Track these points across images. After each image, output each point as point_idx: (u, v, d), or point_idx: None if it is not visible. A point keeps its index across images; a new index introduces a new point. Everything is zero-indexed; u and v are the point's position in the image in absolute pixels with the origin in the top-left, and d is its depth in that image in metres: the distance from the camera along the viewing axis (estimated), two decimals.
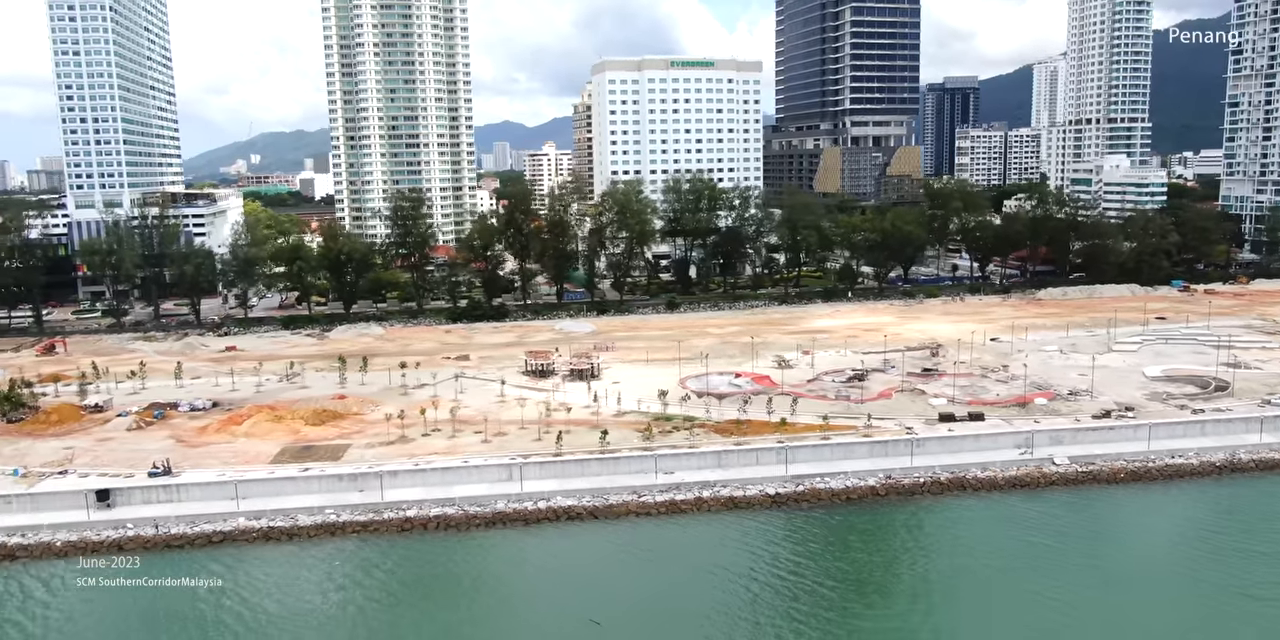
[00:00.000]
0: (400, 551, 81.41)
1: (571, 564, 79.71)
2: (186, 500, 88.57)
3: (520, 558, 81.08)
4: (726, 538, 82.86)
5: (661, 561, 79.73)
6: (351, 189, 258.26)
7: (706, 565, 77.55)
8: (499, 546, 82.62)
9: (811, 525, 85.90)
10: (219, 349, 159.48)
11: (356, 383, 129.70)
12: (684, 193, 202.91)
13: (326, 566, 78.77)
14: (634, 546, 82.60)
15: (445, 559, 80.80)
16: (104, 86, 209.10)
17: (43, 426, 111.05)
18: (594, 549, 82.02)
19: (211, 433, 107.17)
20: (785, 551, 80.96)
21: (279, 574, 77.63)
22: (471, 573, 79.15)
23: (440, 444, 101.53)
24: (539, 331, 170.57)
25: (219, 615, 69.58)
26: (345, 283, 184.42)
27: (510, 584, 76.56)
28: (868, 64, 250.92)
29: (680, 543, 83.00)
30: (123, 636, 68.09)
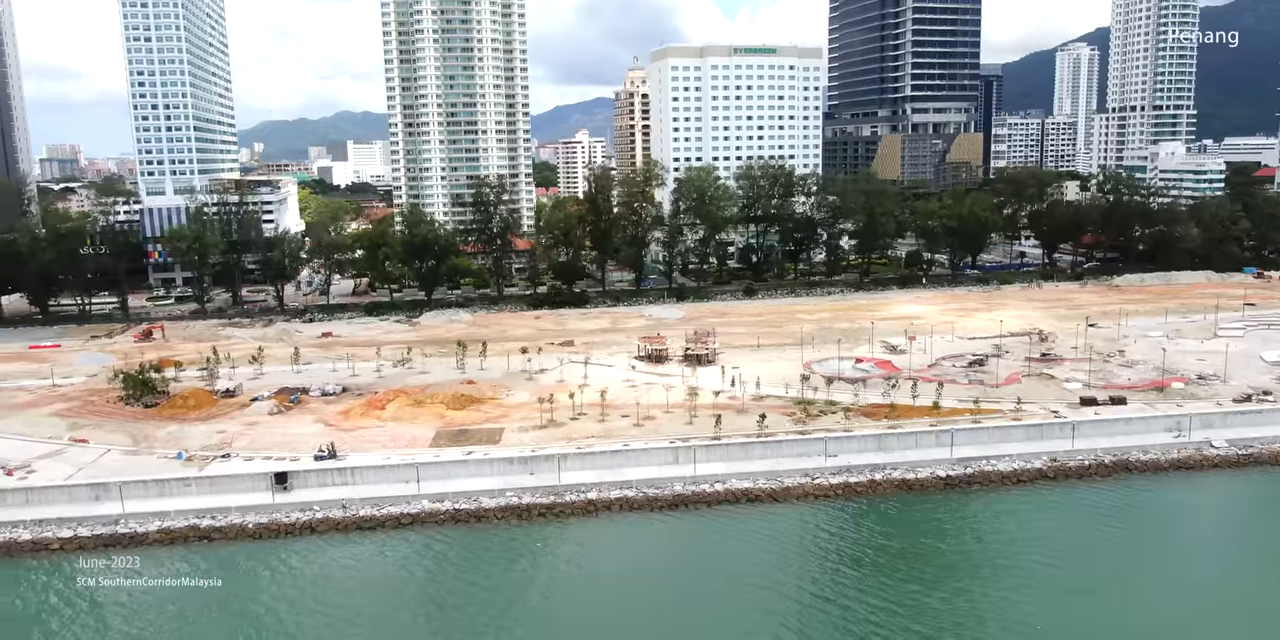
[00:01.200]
0: (588, 532, 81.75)
1: (769, 544, 79.88)
2: (361, 483, 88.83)
3: (719, 538, 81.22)
4: (908, 518, 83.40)
5: (859, 542, 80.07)
6: (409, 176, 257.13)
7: (901, 545, 78.07)
8: (691, 528, 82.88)
9: (984, 505, 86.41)
10: (315, 335, 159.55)
11: (475, 368, 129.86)
12: (757, 179, 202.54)
13: (523, 547, 79.17)
14: (824, 528, 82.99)
15: (646, 540, 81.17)
16: (175, 73, 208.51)
17: (181, 411, 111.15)
18: (782, 530, 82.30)
19: (356, 417, 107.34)
20: (974, 530, 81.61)
21: (471, 554, 78.05)
22: (679, 553, 79.39)
23: (593, 428, 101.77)
24: (629, 318, 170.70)
25: (437, 595, 70.41)
26: (426, 269, 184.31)
27: (728, 564, 76.23)
28: (929, 50, 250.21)
29: (860, 524, 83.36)
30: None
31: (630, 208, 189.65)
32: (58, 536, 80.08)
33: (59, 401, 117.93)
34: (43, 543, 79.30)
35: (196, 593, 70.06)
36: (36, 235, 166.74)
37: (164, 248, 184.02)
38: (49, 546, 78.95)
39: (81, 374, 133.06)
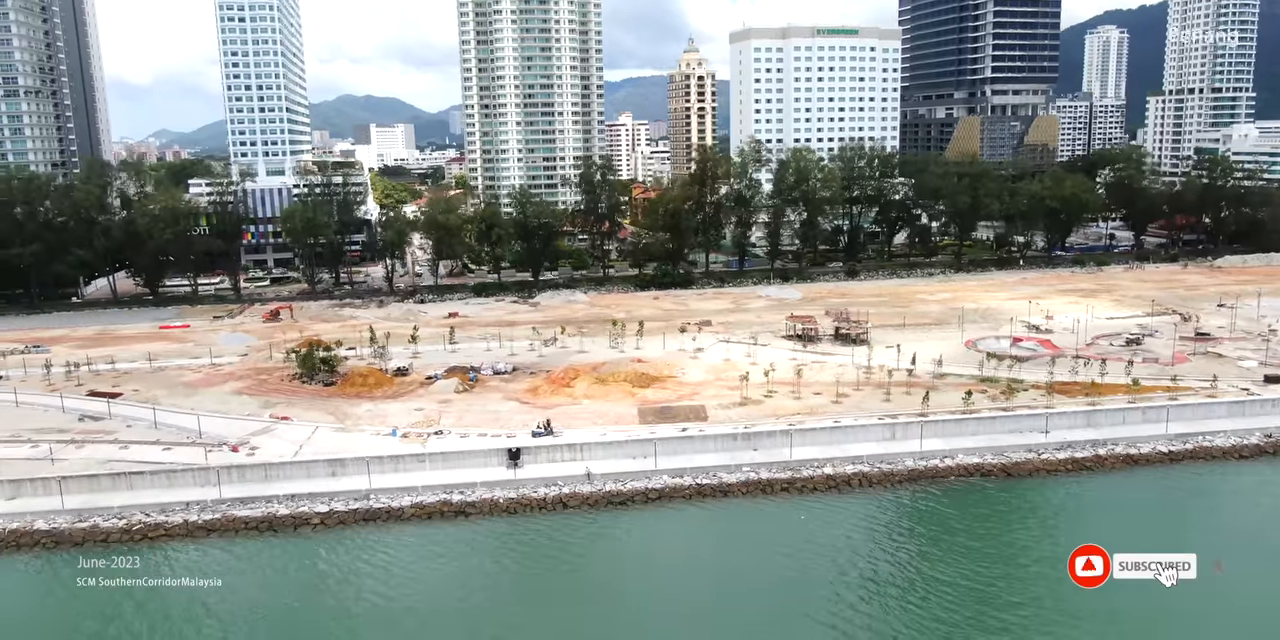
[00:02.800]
0: (833, 506, 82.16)
1: (1020, 516, 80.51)
2: (589, 459, 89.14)
3: (965, 512, 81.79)
4: (1140, 494, 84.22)
5: (1118, 513, 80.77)
6: (485, 158, 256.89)
7: (1144, 520, 78.82)
8: (933, 502, 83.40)
9: (1219, 479, 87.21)
10: (441, 315, 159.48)
11: (632, 346, 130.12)
12: (853, 160, 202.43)
13: (779, 521, 79.70)
14: (1071, 500, 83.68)
15: (902, 514, 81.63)
16: (268, 53, 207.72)
17: (362, 389, 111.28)
18: (1034, 503, 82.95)
19: (547, 395, 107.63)
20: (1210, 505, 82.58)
21: (734, 528, 78.69)
22: (937, 524, 79.80)
23: (792, 405, 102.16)
24: (747, 298, 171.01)
25: (726, 567, 70.99)
26: (533, 250, 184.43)
27: (988, 536, 76.94)
28: (1011, 31, 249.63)
29: (1092, 498, 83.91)
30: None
31: (737, 189, 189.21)
32: (315, 511, 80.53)
33: (231, 380, 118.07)
34: (302, 518, 79.69)
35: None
36: (156, 215, 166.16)
37: (280, 228, 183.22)
38: (309, 521, 79.38)
39: (230, 354, 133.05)
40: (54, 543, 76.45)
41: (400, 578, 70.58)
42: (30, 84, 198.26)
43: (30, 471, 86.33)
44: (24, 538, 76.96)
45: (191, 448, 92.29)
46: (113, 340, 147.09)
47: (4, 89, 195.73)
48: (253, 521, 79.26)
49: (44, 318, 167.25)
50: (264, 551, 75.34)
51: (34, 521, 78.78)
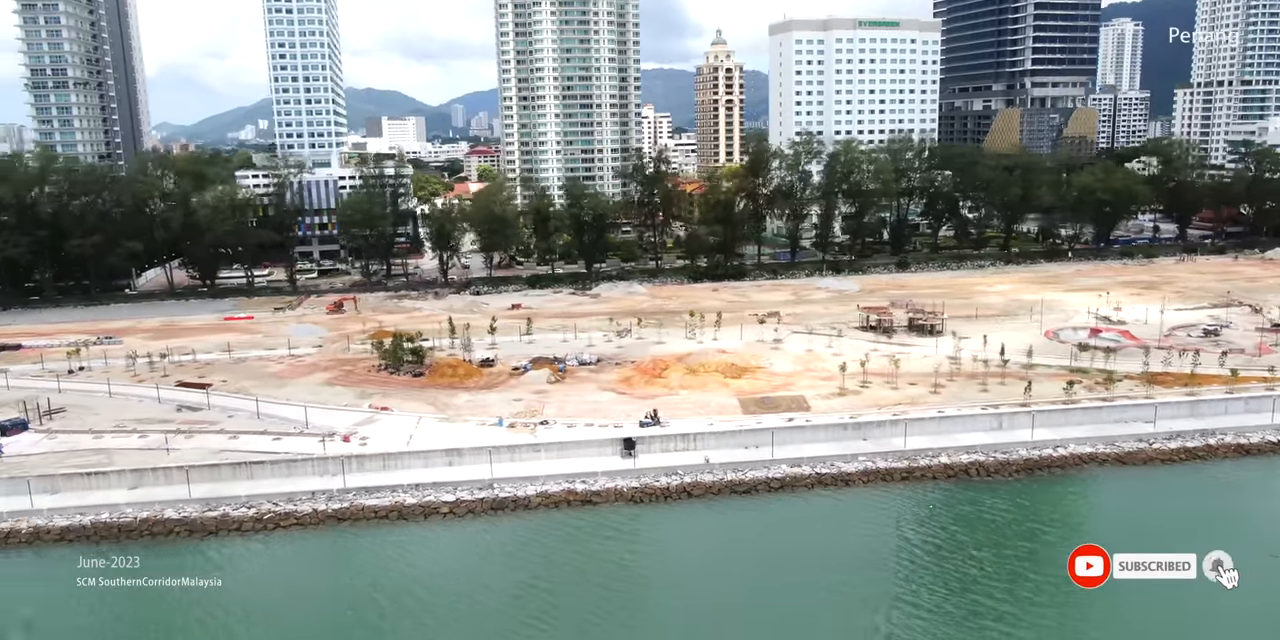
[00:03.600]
0: (951, 495, 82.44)
1: (1132, 507, 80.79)
2: (702, 448, 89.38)
3: (1088, 502, 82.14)
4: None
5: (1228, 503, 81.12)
6: (524, 150, 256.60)
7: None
8: (1058, 490, 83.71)
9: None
10: (504, 307, 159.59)
11: (709, 338, 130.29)
12: (899, 151, 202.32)
13: (901, 510, 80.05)
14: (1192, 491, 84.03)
15: (1008, 504, 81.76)
16: (316, 44, 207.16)
17: (452, 380, 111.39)
18: (1160, 490, 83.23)
19: (641, 385, 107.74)
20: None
21: (847, 519, 78.91)
22: (1043, 516, 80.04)
23: (891, 395, 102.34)
24: (806, 290, 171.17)
25: (864, 554, 71.19)
26: (585, 242, 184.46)
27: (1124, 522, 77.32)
28: (1052, 23, 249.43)
29: (1210, 487, 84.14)
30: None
31: (786, 181, 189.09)
32: (442, 500, 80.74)
33: (316, 371, 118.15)
34: (430, 506, 79.94)
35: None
36: (216, 206, 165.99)
37: (334, 220, 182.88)
38: (438, 510, 79.61)
39: (304, 345, 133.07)
40: (188, 532, 76.73)
41: (539, 563, 71.03)
42: (78, 75, 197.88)
43: (147, 461, 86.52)
44: (156, 526, 77.23)
45: (300, 438, 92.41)
46: (180, 331, 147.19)
47: (53, 80, 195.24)
48: (381, 510, 79.47)
49: (102, 309, 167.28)
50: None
51: (163, 510, 79.02)
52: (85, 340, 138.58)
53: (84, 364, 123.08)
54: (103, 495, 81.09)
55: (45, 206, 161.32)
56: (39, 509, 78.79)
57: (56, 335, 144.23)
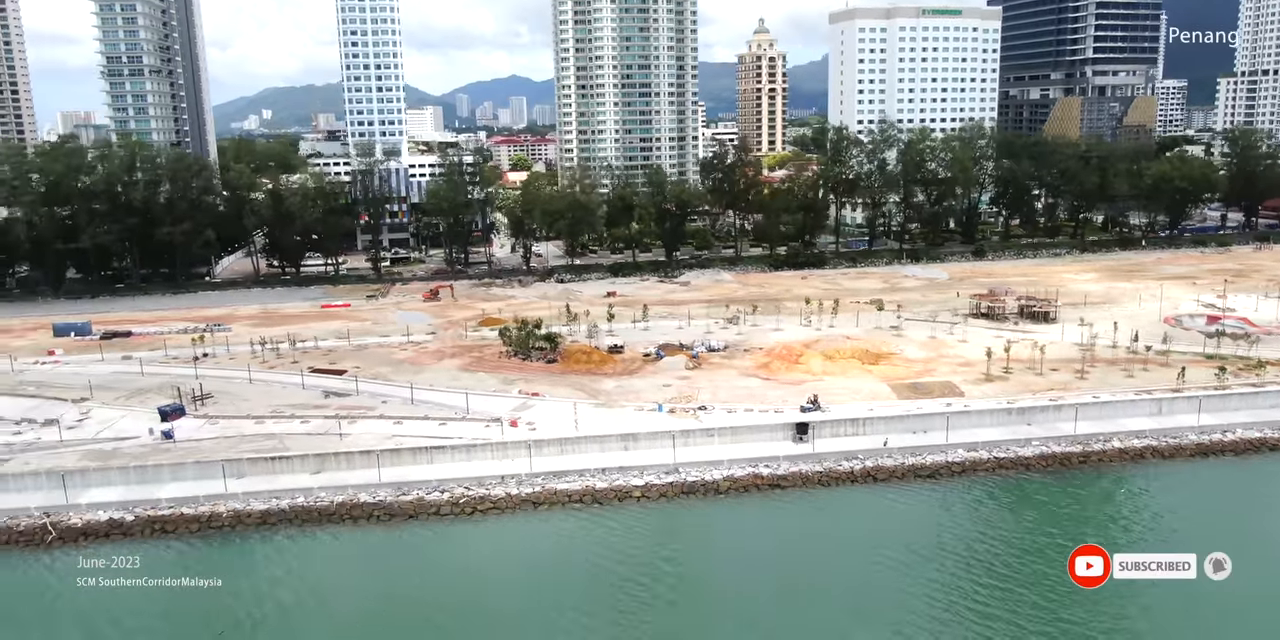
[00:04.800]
0: (1137, 480, 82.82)
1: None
2: (871, 433, 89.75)
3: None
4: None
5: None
6: (582, 138, 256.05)
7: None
8: (1226, 474, 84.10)
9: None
10: (598, 295, 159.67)
11: (825, 324, 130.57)
12: (969, 140, 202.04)
13: (1092, 494, 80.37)
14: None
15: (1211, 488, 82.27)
16: (389, 32, 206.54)
17: (588, 366, 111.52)
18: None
19: (782, 370, 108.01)
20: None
21: (1038, 502, 79.34)
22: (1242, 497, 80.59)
23: (1038, 381, 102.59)
24: (895, 277, 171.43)
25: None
26: (666, 229, 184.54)
27: None
28: (1113, 12, 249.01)
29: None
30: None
31: (867, 168, 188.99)
32: (632, 484, 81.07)
33: (445, 357, 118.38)
34: (623, 491, 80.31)
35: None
36: (306, 193, 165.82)
37: (427, 206, 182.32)
38: (630, 494, 79.98)
39: (415, 332, 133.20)
40: (388, 516, 77.05)
41: (748, 546, 71.51)
42: (153, 63, 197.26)
43: (318, 447, 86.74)
44: (354, 510, 77.51)
45: (463, 423, 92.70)
46: (281, 319, 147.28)
47: (129, 68, 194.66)
48: (574, 494, 79.81)
49: (189, 297, 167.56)
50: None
51: (357, 495, 79.26)
52: (195, 327, 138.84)
53: (207, 351, 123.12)
54: (290, 479, 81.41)
55: (136, 194, 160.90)
56: (234, 493, 79.07)
57: (159, 322, 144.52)
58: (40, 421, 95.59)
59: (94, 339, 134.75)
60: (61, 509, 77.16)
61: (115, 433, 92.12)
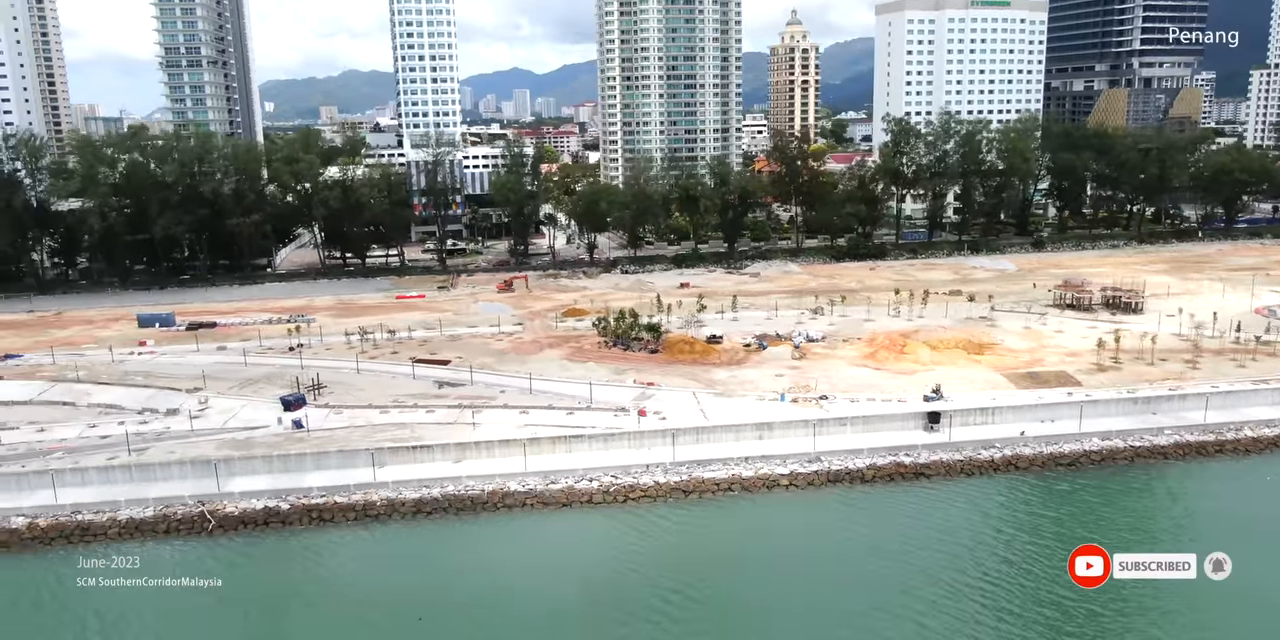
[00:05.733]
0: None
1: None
2: (1000, 422, 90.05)
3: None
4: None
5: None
6: (626, 130, 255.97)
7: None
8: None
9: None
10: (671, 286, 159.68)
11: (915, 314, 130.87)
12: (1025, 132, 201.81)
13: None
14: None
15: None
16: (444, 23, 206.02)
17: (692, 356, 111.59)
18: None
19: (889, 360, 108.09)
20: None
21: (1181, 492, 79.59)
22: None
23: (1150, 371, 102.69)
24: (964, 269, 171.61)
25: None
26: (728, 221, 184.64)
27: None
28: (1161, 4, 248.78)
29: None
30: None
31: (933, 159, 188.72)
32: (777, 473, 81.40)
33: (544, 347, 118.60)
34: (769, 479, 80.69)
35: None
36: (374, 183, 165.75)
37: (496, 197, 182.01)
38: (777, 483, 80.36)
39: (500, 323, 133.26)
40: (541, 504, 77.35)
41: (907, 532, 71.59)
42: (210, 54, 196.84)
43: (453, 436, 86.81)
44: (507, 498, 77.79)
45: (589, 412, 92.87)
46: (360, 309, 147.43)
47: (187, 59, 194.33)
48: (721, 482, 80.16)
49: (256, 288, 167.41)
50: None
51: (506, 483, 79.50)
52: (280, 318, 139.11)
53: (301, 341, 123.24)
54: (434, 468, 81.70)
55: (207, 185, 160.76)
56: (383, 481, 79.27)
57: (239, 313, 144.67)
58: (162, 411, 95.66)
59: (179, 330, 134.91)
60: (213, 497, 77.39)
61: (243, 422, 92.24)
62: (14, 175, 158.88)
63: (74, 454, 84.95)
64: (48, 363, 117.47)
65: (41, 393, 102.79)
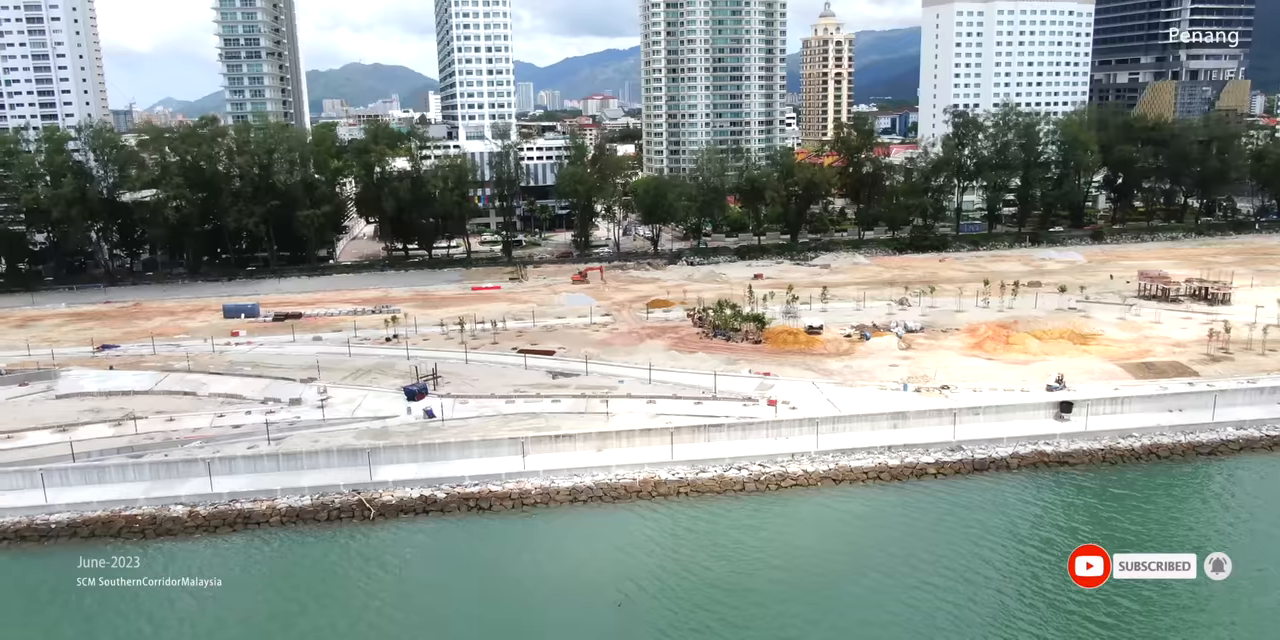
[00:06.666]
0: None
1: None
2: (1128, 412, 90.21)
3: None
4: None
5: None
6: (671, 122, 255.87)
7: None
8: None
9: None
10: (745, 277, 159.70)
11: (1004, 305, 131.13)
12: (1086, 123, 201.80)
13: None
14: None
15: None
16: (500, 14, 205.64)
17: (797, 346, 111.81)
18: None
19: (998, 351, 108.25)
20: None
21: None
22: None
23: (1264, 361, 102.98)
24: (1031, 261, 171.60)
25: None
26: (792, 212, 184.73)
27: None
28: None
29: None
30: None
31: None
32: (923, 461, 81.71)
33: (645, 338, 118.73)
34: (917, 468, 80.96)
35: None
36: (444, 174, 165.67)
37: (564, 188, 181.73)
38: (926, 471, 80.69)
39: (585, 314, 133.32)
40: (694, 492, 77.58)
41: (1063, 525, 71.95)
42: (269, 45, 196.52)
43: (585, 426, 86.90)
44: (661, 487, 77.88)
45: (716, 402, 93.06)
46: (440, 300, 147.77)
47: (246, 50, 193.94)
48: (870, 471, 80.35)
49: (326, 279, 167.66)
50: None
51: (656, 472, 79.71)
52: (364, 309, 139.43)
53: (397, 332, 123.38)
54: (577, 457, 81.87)
55: (280, 176, 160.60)
56: (532, 470, 79.44)
57: (318, 304, 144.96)
58: (285, 401, 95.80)
59: (266, 320, 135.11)
60: (365, 486, 77.53)
61: (370, 412, 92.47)
62: (85, 166, 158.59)
63: (213, 443, 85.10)
64: (147, 353, 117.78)
65: (158, 382, 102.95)
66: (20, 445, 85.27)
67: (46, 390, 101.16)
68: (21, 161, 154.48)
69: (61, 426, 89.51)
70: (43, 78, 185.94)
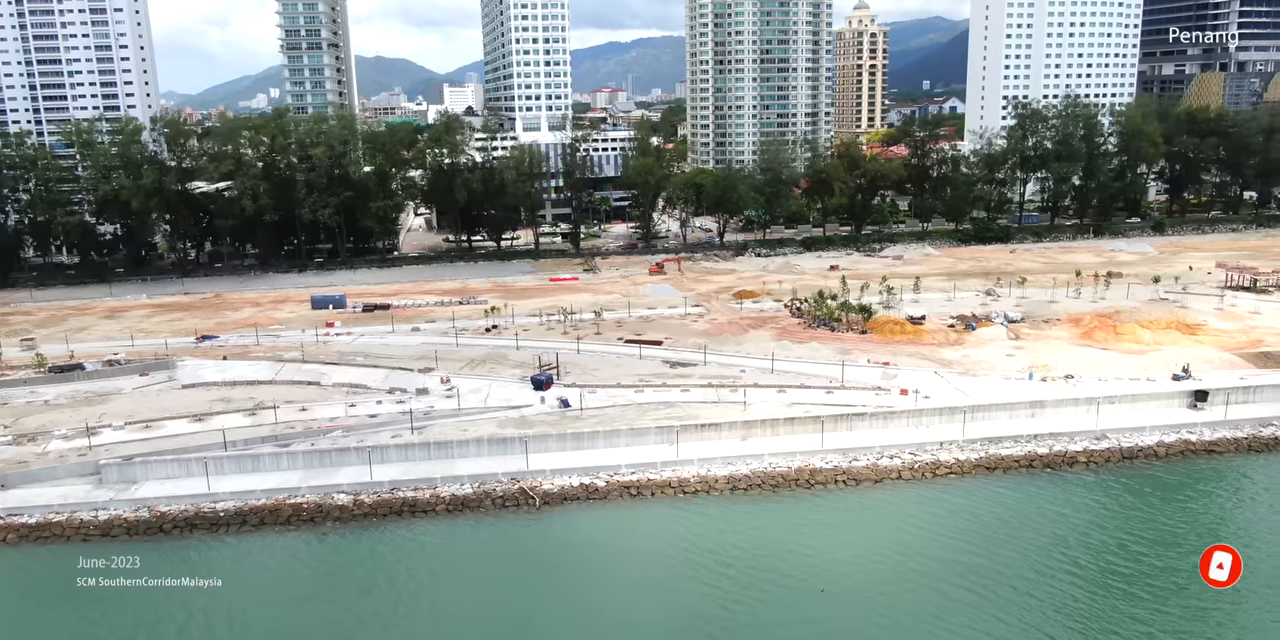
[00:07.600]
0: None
1: None
2: (1261, 401, 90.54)
3: None
4: None
5: None
6: (718, 114, 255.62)
7: None
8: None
9: None
10: (821, 268, 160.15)
11: (1096, 296, 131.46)
12: (1148, 115, 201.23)
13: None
14: None
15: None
16: (557, 5, 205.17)
17: (905, 336, 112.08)
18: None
19: (1108, 341, 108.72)
20: None
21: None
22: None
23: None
24: (1101, 253, 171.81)
25: None
26: (858, 204, 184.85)
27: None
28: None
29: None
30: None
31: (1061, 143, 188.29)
32: (1070, 450, 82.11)
33: (748, 328, 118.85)
34: (1066, 456, 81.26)
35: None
36: (515, 165, 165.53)
37: (634, 180, 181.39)
38: (1075, 459, 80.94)
39: (675, 305, 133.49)
40: (852, 481, 77.84)
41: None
42: (328, 36, 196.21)
43: (721, 415, 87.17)
44: (817, 476, 78.13)
45: (844, 391, 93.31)
46: (520, 291, 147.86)
47: (307, 42, 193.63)
48: (1020, 459, 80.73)
49: (397, 271, 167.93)
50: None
51: (810, 461, 79.95)
52: (450, 300, 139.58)
53: (496, 322, 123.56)
54: (721, 446, 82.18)
55: (353, 168, 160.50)
56: (686, 459, 79.70)
57: (401, 296, 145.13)
58: (412, 390, 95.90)
59: (354, 311, 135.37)
60: (522, 474, 77.77)
61: (502, 401, 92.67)
62: (159, 157, 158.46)
63: (354, 432, 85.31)
64: (249, 343, 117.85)
65: (278, 372, 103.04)
66: (163, 434, 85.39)
67: (169, 380, 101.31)
68: (97, 152, 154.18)
69: (197, 416, 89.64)
70: (105, 68, 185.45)
